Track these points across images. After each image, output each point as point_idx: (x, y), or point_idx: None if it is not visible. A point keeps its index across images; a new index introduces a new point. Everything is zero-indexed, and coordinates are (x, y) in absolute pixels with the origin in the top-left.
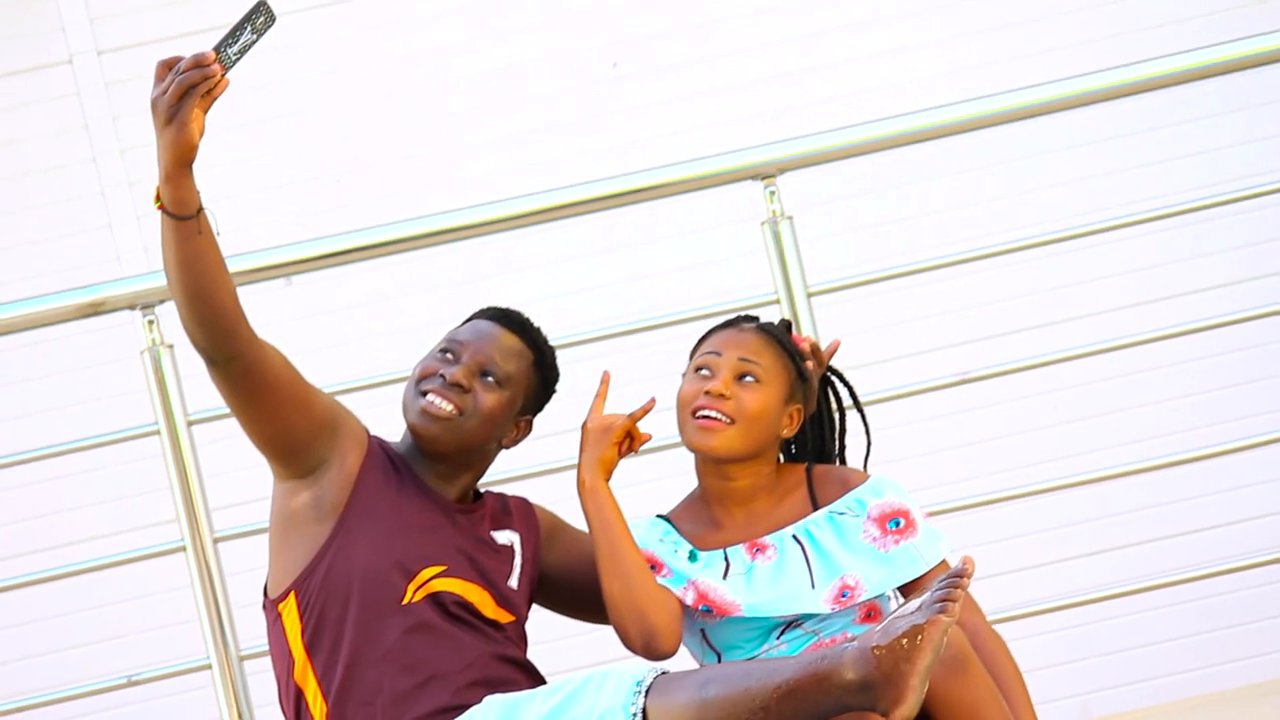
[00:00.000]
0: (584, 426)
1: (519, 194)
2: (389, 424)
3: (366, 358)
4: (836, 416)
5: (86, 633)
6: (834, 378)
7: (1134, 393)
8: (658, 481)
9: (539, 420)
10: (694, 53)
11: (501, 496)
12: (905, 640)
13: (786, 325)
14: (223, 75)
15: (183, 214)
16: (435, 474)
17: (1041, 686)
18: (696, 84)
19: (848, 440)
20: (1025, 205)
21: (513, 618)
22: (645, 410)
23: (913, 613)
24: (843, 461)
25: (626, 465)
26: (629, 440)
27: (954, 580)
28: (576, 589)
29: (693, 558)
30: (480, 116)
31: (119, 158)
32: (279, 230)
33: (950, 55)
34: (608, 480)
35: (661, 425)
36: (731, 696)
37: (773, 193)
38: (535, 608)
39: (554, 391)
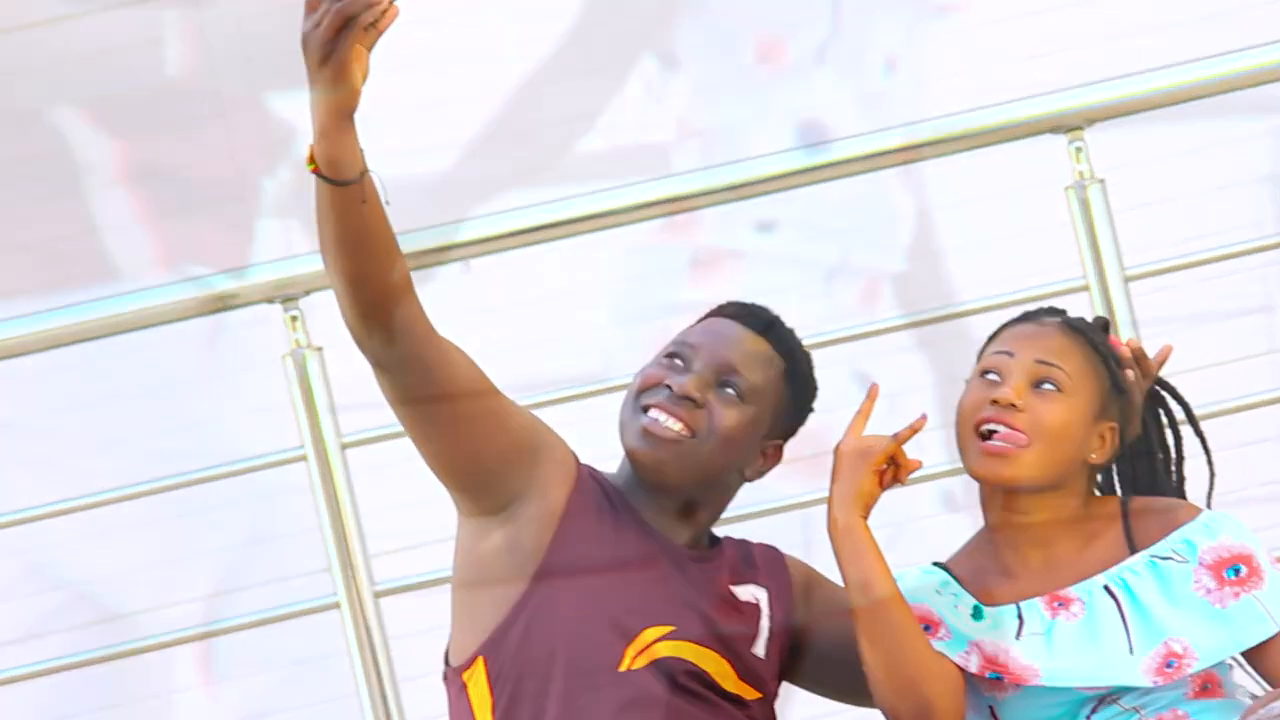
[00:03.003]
0: (837, 450)
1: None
2: (596, 449)
3: (563, 362)
4: (1170, 440)
5: None
6: (1164, 392)
7: None
8: (930, 519)
9: None
10: None
11: (744, 543)
12: None
13: (1103, 323)
14: (390, 1)
15: (342, 178)
16: (660, 511)
17: None
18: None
19: (1185, 470)
20: None
21: (759, 694)
22: (914, 430)
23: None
24: (1181, 497)
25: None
26: (893, 468)
27: None
28: (838, 660)
29: (977, 615)
30: None
31: None
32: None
33: None
34: (866, 518)
35: (935, 449)
36: None
37: (1079, 149)
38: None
39: (810, 410)
